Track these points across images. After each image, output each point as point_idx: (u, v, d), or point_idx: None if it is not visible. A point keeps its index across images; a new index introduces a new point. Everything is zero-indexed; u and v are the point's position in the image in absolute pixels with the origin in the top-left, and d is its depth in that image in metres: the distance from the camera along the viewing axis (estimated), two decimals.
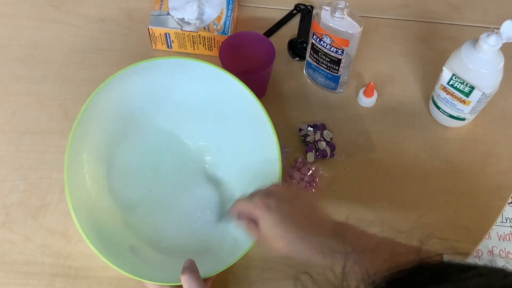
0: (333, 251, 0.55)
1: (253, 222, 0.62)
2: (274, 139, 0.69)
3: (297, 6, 1.00)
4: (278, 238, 0.58)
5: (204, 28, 0.89)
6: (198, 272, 0.61)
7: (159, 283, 0.64)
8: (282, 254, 0.59)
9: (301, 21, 0.98)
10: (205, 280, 0.65)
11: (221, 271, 0.65)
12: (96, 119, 0.70)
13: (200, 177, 0.78)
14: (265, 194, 0.61)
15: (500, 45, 0.73)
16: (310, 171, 0.80)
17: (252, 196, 0.63)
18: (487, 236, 0.78)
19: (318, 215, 0.61)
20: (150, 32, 0.90)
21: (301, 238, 0.57)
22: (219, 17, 0.91)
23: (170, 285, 0.64)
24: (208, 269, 0.65)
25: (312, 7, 0.99)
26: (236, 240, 0.70)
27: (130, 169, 0.76)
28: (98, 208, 0.70)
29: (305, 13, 0.98)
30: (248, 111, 0.71)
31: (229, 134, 0.75)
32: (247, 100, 0.70)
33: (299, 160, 0.81)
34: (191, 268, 0.60)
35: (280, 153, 0.69)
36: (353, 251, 0.53)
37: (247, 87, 0.69)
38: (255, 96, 0.69)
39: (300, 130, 0.84)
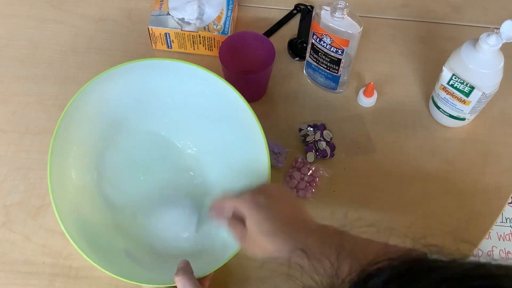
0: (317, 253, 0.54)
1: (237, 219, 0.61)
2: (263, 139, 0.68)
3: (297, 6, 1.00)
4: (264, 235, 0.57)
5: (204, 28, 0.89)
6: (193, 273, 0.60)
7: (154, 285, 0.64)
8: (264, 254, 0.58)
9: (301, 21, 0.98)
10: (202, 280, 0.65)
11: (215, 270, 0.65)
12: (81, 123, 0.69)
13: (191, 179, 0.78)
14: (255, 191, 0.60)
15: (500, 45, 0.73)
16: (310, 171, 0.80)
17: (241, 194, 0.62)
18: (487, 236, 0.78)
19: (304, 216, 0.60)
20: (150, 32, 0.90)
21: (287, 236, 0.56)
22: (219, 17, 0.91)
23: (165, 287, 0.64)
24: (203, 268, 0.64)
25: (312, 7, 0.99)
26: (230, 237, 0.69)
27: (120, 173, 0.76)
28: (89, 212, 0.70)
29: (305, 13, 0.98)
30: (236, 113, 0.70)
31: (218, 135, 0.75)
32: (234, 102, 0.68)
33: (299, 160, 0.81)
34: (185, 269, 0.60)
35: (268, 153, 0.68)
36: (340, 254, 0.52)
37: (234, 88, 0.68)
38: (242, 97, 0.68)
39: (300, 130, 0.84)
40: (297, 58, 0.93)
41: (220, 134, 0.74)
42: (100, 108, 0.71)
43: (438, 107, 0.84)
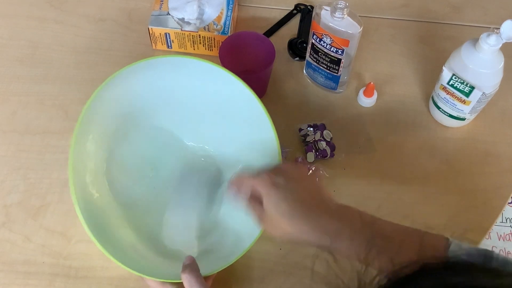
0: (337, 233, 0.54)
1: (255, 199, 0.60)
2: (274, 137, 0.69)
3: (297, 6, 1.00)
4: (282, 216, 0.56)
5: (204, 28, 0.89)
6: (199, 270, 0.60)
7: (160, 280, 0.64)
8: (283, 236, 0.58)
9: (301, 21, 0.98)
10: (206, 278, 0.65)
11: (221, 269, 0.65)
12: (97, 117, 0.69)
13: (200, 176, 0.78)
14: (274, 171, 0.59)
15: (500, 45, 0.73)
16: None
17: (259, 172, 0.61)
18: (487, 236, 0.78)
19: (323, 197, 0.59)
20: (150, 32, 0.90)
21: (305, 217, 0.55)
22: (219, 17, 0.91)
23: (171, 282, 0.64)
24: (208, 267, 0.64)
25: (312, 7, 0.99)
26: (238, 237, 0.70)
27: (129, 168, 0.76)
28: (99, 206, 0.70)
29: (305, 13, 0.99)
30: (247, 109, 0.70)
31: (229, 133, 0.75)
32: (246, 98, 0.69)
33: (299, 160, 0.81)
34: (191, 266, 0.60)
35: (280, 151, 0.69)
36: (369, 252, 0.52)
37: (247, 85, 0.69)
38: (254, 93, 0.69)
39: (300, 130, 0.84)
40: (297, 58, 0.93)
41: (230, 133, 0.75)
42: (117, 104, 0.71)
43: (438, 107, 0.84)
